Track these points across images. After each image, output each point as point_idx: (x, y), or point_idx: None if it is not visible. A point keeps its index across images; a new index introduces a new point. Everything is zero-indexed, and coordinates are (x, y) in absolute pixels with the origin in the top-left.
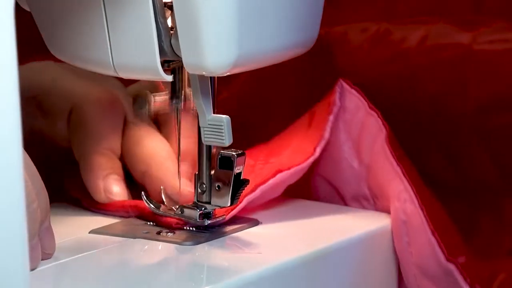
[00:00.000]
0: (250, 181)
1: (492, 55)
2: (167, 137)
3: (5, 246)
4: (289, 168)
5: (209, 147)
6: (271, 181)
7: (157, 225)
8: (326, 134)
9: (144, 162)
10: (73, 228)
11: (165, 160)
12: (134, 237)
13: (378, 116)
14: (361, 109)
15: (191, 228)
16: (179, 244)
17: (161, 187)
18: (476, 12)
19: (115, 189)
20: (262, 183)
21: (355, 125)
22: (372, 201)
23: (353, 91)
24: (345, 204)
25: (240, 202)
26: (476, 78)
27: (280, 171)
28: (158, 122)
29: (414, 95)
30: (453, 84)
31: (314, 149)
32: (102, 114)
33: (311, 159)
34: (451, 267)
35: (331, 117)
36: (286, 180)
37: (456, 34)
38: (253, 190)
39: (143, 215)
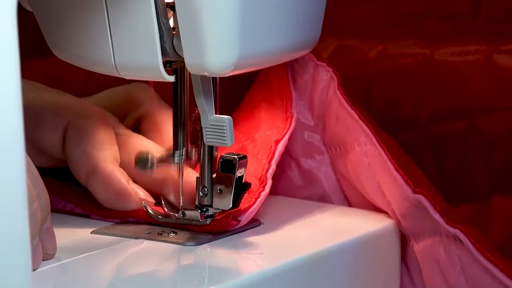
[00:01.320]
0: (255, 160)
1: (451, 65)
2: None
3: (8, 247)
4: (283, 136)
5: (211, 151)
6: (277, 152)
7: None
8: (293, 93)
9: None
10: (75, 228)
11: None
12: (136, 238)
13: (328, 66)
14: (310, 63)
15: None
16: (181, 245)
17: (161, 196)
18: (474, 12)
19: (142, 192)
20: (272, 158)
21: (306, 82)
22: (327, 154)
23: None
24: (297, 164)
25: (266, 183)
26: (431, 87)
27: (278, 141)
28: (141, 129)
29: (370, 101)
30: (408, 92)
31: (291, 112)
32: (102, 127)
33: (294, 121)
34: (420, 198)
35: (289, 75)
36: (284, 147)
37: (416, 46)
38: (269, 166)
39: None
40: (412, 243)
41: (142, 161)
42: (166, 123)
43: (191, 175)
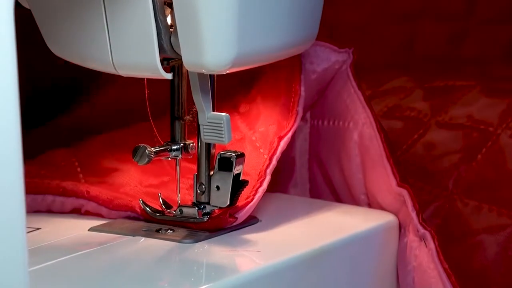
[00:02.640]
0: (255, 152)
1: None
2: None
3: (5, 245)
4: (287, 133)
5: (208, 148)
6: (279, 149)
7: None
8: (302, 91)
9: None
10: (72, 225)
11: None
12: (134, 235)
13: (349, 49)
14: (326, 51)
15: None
16: (179, 242)
17: (159, 193)
18: (468, 13)
19: None
20: (273, 154)
21: (321, 62)
22: (309, 123)
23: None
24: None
25: (264, 179)
26: None
27: (281, 137)
28: None
29: None
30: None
31: (297, 110)
32: None
33: (298, 119)
34: (403, 192)
35: (302, 76)
36: (286, 144)
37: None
38: (270, 162)
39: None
40: None
41: (139, 154)
42: None
43: None
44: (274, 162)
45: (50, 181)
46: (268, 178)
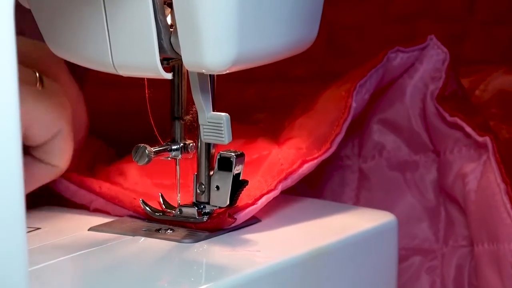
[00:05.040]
0: (276, 164)
1: None
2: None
3: (5, 244)
4: (312, 159)
5: (208, 148)
6: (300, 171)
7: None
8: (343, 129)
9: None
10: (72, 225)
11: None
12: (134, 235)
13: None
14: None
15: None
16: (179, 242)
17: (160, 193)
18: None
19: None
20: (292, 172)
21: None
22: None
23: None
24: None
25: (273, 190)
26: None
27: (305, 161)
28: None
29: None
30: None
31: (331, 143)
32: None
33: (328, 153)
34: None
35: (350, 108)
36: (309, 170)
37: None
38: (285, 178)
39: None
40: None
41: (139, 153)
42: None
43: None
44: (289, 180)
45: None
46: (277, 191)
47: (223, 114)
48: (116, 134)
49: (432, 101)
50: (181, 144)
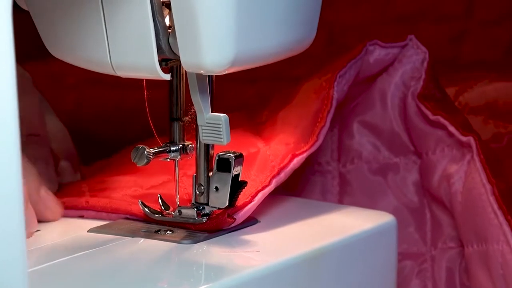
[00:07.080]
0: (264, 160)
1: None
2: None
3: (4, 245)
4: (302, 153)
5: (207, 149)
6: (291, 165)
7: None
8: (327, 122)
9: None
10: (72, 227)
11: None
12: (133, 236)
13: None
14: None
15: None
16: (178, 243)
17: (158, 194)
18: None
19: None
20: (284, 167)
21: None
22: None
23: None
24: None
25: (268, 185)
26: None
27: (295, 155)
28: None
29: None
30: None
31: (317, 137)
32: None
33: (315, 147)
34: None
35: (333, 100)
36: (299, 164)
37: None
38: (278, 173)
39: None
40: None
41: (138, 154)
42: None
43: None
44: (282, 175)
45: None
46: (272, 186)
47: (221, 115)
48: (114, 135)
49: (414, 100)
50: (180, 145)
